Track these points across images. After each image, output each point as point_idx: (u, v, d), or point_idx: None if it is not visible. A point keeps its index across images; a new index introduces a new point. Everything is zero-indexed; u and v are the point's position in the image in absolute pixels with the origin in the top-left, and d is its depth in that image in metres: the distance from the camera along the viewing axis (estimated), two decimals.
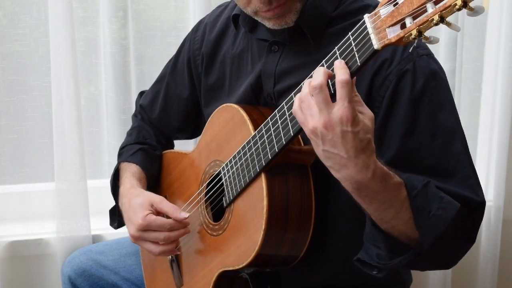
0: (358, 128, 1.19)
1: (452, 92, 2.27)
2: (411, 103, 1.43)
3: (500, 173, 2.40)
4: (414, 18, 1.08)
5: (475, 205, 1.42)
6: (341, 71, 1.18)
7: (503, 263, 2.51)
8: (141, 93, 2.02)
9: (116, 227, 1.87)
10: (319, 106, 1.20)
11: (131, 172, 1.78)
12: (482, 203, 1.44)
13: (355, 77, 1.21)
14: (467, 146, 1.47)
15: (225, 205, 1.56)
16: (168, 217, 1.60)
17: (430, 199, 1.34)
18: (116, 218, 1.84)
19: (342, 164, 1.23)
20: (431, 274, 2.43)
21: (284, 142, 1.37)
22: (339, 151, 1.21)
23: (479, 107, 2.51)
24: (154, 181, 1.85)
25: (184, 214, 1.58)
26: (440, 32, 2.27)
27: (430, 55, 1.48)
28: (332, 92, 1.21)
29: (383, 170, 1.27)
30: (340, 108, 1.18)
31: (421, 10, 1.06)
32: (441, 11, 1.04)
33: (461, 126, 1.48)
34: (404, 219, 1.34)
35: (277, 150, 1.39)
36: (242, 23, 1.64)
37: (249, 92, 1.62)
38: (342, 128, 1.19)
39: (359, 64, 1.18)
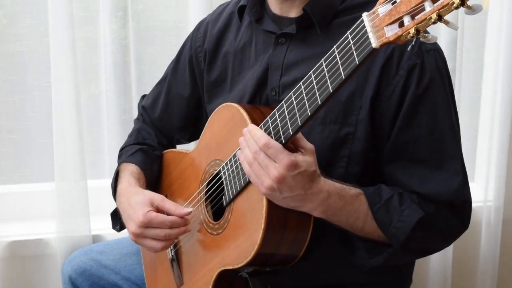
0: (303, 167, 1.34)
1: None
2: (415, 97, 1.47)
3: (500, 173, 2.40)
4: (412, 17, 1.09)
5: (459, 202, 1.50)
6: (259, 140, 1.35)
7: (503, 263, 2.51)
8: (143, 96, 2.02)
9: (119, 230, 1.86)
10: (264, 163, 1.35)
11: (129, 172, 1.78)
12: (467, 201, 1.52)
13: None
14: (461, 145, 1.53)
15: (225, 204, 1.56)
16: (169, 215, 1.60)
17: (391, 212, 1.47)
18: (118, 221, 1.83)
19: (304, 200, 1.38)
20: (431, 273, 2.43)
21: (283, 141, 1.36)
22: (297, 191, 1.36)
23: (479, 107, 2.51)
24: (154, 181, 1.85)
25: (187, 209, 1.59)
26: (440, 32, 2.27)
27: (437, 49, 1.51)
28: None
29: (335, 186, 1.42)
30: (281, 161, 1.33)
31: (419, 9, 1.07)
32: (439, 10, 1.04)
33: (459, 124, 1.53)
34: (373, 227, 1.47)
35: None
36: (249, 13, 1.65)
37: (254, 86, 1.62)
38: (291, 174, 1.33)
39: (357, 62, 1.18)
